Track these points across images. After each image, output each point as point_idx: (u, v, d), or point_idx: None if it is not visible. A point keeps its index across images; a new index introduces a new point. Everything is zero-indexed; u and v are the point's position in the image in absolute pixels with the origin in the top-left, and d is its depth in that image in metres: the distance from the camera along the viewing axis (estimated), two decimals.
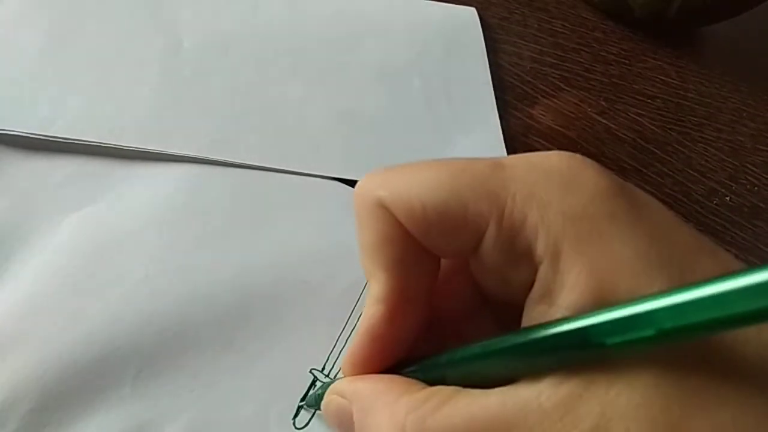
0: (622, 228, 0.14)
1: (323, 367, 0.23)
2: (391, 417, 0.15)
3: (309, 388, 0.22)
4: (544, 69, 0.40)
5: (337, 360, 0.23)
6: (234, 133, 0.30)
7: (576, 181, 0.14)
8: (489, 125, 0.34)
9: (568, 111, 0.38)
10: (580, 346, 0.12)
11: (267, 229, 0.27)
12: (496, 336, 0.14)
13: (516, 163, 0.15)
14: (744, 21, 0.45)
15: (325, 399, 0.18)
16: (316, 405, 0.21)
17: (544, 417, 0.13)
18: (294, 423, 0.22)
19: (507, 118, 0.36)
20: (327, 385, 0.19)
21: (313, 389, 0.22)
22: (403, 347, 0.17)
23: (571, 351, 0.13)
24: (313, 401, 0.21)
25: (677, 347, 0.12)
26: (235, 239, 0.26)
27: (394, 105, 0.34)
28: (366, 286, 0.25)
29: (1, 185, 0.26)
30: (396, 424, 0.15)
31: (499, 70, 0.39)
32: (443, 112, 0.34)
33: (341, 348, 0.23)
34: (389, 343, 0.17)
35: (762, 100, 0.43)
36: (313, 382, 0.23)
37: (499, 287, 0.16)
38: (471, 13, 0.41)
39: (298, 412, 0.22)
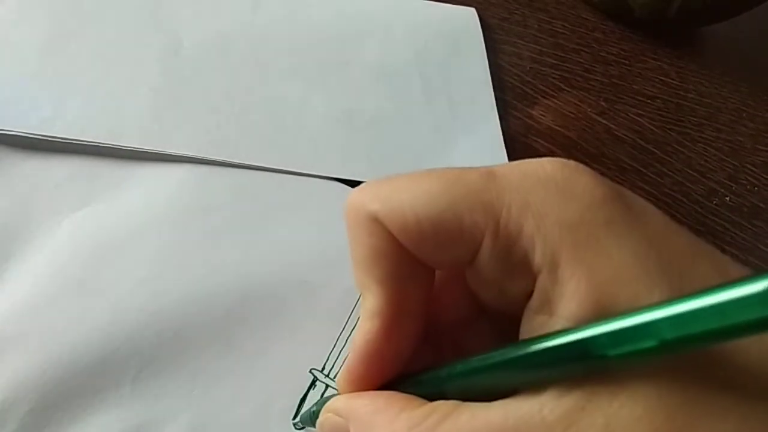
0: (619, 235, 0.14)
1: (323, 367, 0.23)
2: None
3: (309, 388, 0.22)
4: (544, 69, 0.40)
5: (337, 360, 0.23)
6: (234, 133, 0.30)
7: (571, 190, 0.14)
8: (489, 125, 0.34)
9: (568, 111, 0.38)
10: (581, 357, 0.12)
11: (267, 229, 0.27)
12: (495, 348, 0.14)
13: (509, 172, 0.15)
14: (744, 21, 0.45)
15: (321, 417, 0.18)
16: (310, 423, 0.20)
17: (546, 430, 0.12)
18: (294, 423, 0.22)
19: (507, 118, 0.36)
20: (322, 403, 0.18)
21: (322, 384, 0.22)
22: (400, 361, 0.17)
23: (573, 363, 0.13)
24: (308, 419, 0.20)
25: (678, 358, 0.12)
26: (235, 239, 0.26)
27: (394, 105, 0.34)
28: None
29: (1, 185, 0.26)
30: None
31: (499, 70, 0.39)
32: (443, 112, 0.34)
33: (341, 348, 0.23)
34: (386, 359, 0.17)
35: (762, 100, 0.43)
36: (313, 382, 0.23)
37: (497, 297, 0.16)
38: (471, 14, 0.41)
39: (298, 412, 0.22)
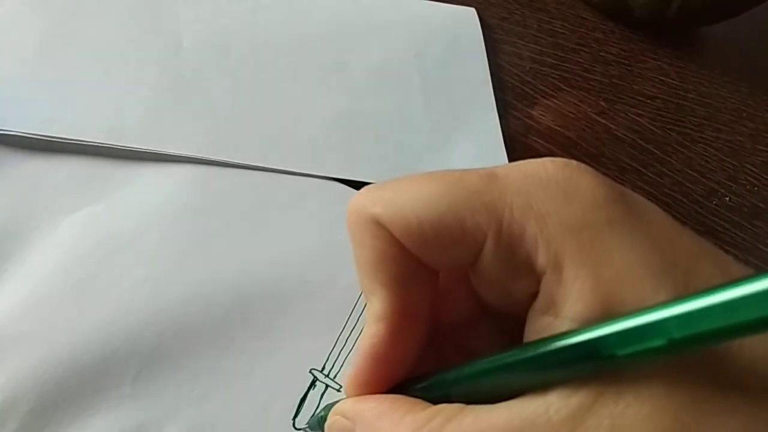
0: (623, 235, 0.14)
1: (323, 367, 0.23)
2: None
3: (309, 388, 0.22)
4: (543, 69, 0.40)
5: (337, 360, 0.23)
6: (234, 133, 0.30)
7: (573, 190, 0.14)
8: (489, 125, 0.34)
9: (567, 111, 0.38)
10: (590, 358, 0.12)
11: (267, 229, 0.27)
12: (502, 351, 0.14)
13: (510, 173, 0.15)
14: (744, 21, 0.45)
15: (329, 420, 0.18)
16: (318, 428, 0.20)
17: (552, 431, 0.12)
18: (294, 423, 0.22)
19: (507, 118, 0.36)
20: (329, 407, 0.19)
21: (322, 384, 0.22)
22: (406, 365, 0.17)
23: (581, 363, 0.13)
24: (316, 424, 0.20)
25: (685, 357, 0.12)
26: (235, 239, 0.26)
27: (394, 105, 0.34)
28: None
29: (1, 185, 0.26)
30: None
31: (499, 70, 0.39)
32: (443, 112, 0.34)
33: (341, 348, 0.24)
34: (392, 362, 0.17)
35: (761, 100, 0.43)
36: (313, 382, 0.23)
37: (500, 298, 0.16)
38: (471, 14, 0.41)
39: (298, 412, 0.22)
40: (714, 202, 0.35)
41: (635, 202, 0.15)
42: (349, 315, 0.24)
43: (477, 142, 0.33)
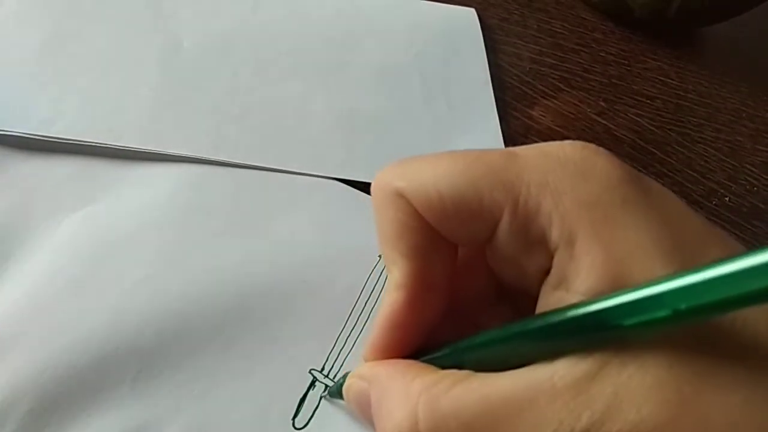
0: (635, 214, 0.14)
1: (323, 367, 0.23)
2: (405, 398, 0.15)
3: (309, 388, 0.22)
4: (543, 70, 0.40)
5: (337, 360, 0.23)
6: (234, 133, 0.30)
7: (589, 170, 0.15)
8: (488, 126, 0.34)
9: (567, 111, 0.38)
10: (598, 328, 0.13)
11: (267, 229, 0.27)
12: (513, 321, 0.15)
13: (529, 153, 0.15)
14: (744, 21, 0.45)
15: (347, 382, 0.19)
16: (338, 395, 0.21)
17: (556, 397, 0.13)
18: (294, 423, 0.22)
19: (506, 118, 0.36)
20: (347, 375, 0.20)
21: (321, 384, 0.22)
22: (422, 334, 0.18)
23: (589, 333, 0.13)
24: (335, 391, 0.21)
25: (689, 330, 0.13)
26: (235, 239, 0.26)
27: (393, 105, 0.34)
28: (365, 287, 0.25)
29: (1, 185, 0.26)
30: (409, 404, 0.15)
31: (499, 70, 0.39)
32: (443, 112, 0.34)
33: (341, 348, 0.24)
34: (409, 329, 0.17)
35: (761, 100, 0.43)
36: (313, 382, 0.23)
37: (515, 275, 0.17)
38: (470, 14, 0.41)
39: (297, 412, 0.22)
40: (714, 202, 0.35)
41: (649, 184, 0.15)
42: (349, 315, 0.24)
43: (477, 142, 0.33)
